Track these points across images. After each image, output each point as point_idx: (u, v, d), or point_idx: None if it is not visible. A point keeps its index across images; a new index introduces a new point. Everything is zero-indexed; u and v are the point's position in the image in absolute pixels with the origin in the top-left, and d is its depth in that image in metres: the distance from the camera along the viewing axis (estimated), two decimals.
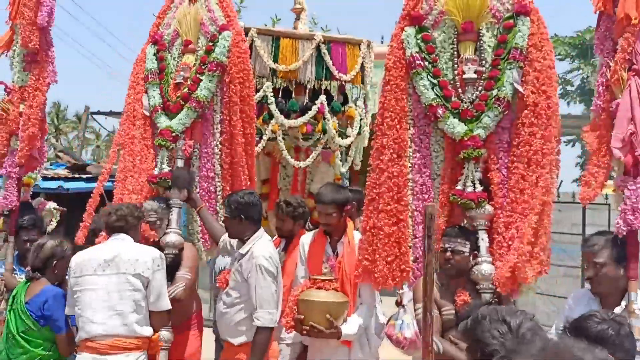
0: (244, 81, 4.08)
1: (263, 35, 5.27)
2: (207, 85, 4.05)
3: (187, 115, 4.06)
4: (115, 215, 3.45)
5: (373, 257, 3.49)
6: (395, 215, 3.48)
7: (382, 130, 3.58)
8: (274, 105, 5.13)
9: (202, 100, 4.02)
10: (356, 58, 5.44)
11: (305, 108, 5.27)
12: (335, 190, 3.82)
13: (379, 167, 3.56)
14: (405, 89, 3.60)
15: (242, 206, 3.57)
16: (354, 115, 5.49)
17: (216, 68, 4.04)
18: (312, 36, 5.33)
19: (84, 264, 3.31)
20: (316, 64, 5.29)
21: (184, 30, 4.26)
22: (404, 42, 3.62)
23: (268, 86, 5.18)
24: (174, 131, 4.05)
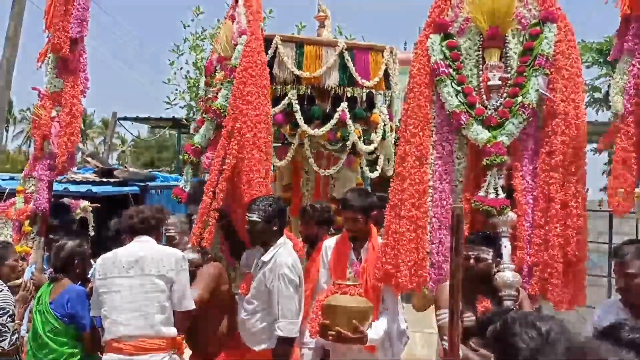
0: (247, 79, 3.87)
1: (287, 42, 5.28)
2: (223, 93, 4.01)
3: (206, 127, 4.06)
4: (137, 217, 3.48)
5: (396, 261, 3.49)
6: (415, 222, 3.49)
7: (405, 137, 3.59)
8: (299, 114, 5.14)
9: (217, 109, 3.97)
10: (379, 64, 5.43)
11: (328, 115, 5.27)
12: (361, 195, 3.81)
13: (402, 173, 3.57)
14: (429, 96, 3.60)
15: (277, 212, 3.55)
16: (378, 121, 5.48)
17: (230, 73, 4.01)
18: (335, 43, 5.34)
19: (109, 266, 3.33)
20: (339, 70, 5.28)
21: (223, 48, 4.29)
22: (429, 50, 3.62)
23: (293, 94, 5.19)
24: (195, 145, 4.04)
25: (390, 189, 3.61)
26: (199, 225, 3.79)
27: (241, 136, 3.85)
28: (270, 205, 3.53)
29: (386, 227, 3.57)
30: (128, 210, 3.57)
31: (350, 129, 5.24)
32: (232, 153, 3.84)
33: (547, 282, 3.34)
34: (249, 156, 3.83)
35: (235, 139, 3.86)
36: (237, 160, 3.87)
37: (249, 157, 3.83)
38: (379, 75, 5.38)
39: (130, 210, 3.57)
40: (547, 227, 3.36)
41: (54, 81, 4.43)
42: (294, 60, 5.22)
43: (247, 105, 3.86)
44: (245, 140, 3.84)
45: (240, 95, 3.89)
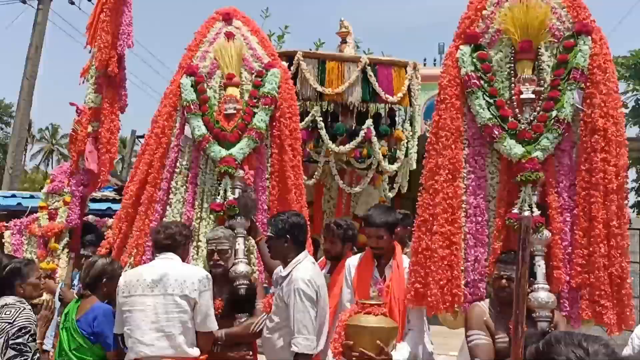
0: (292, 116, 4.21)
1: (309, 58, 5.28)
2: (263, 117, 4.13)
3: (247, 144, 4.10)
4: (163, 233, 3.42)
5: (426, 280, 3.39)
6: (449, 238, 3.39)
7: (436, 149, 3.50)
8: (324, 130, 5.12)
9: (261, 132, 4.10)
10: (402, 80, 5.39)
11: (353, 132, 5.21)
12: (385, 212, 3.73)
13: (433, 187, 3.47)
14: (460, 108, 3.52)
15: (289, 226, 3.49)
16: (401, 137, 5.42)
17: (271, 102, 4.14)
18: (357, 59, 5.31)
19: (133, 284, 3.30)
20: (362, 86, 5.24)
21: (226, 64, 4.32)
22: (459, 61, 3.55)
23: (317, 110, 5.16)
24: (236, 159, 4.05)
25: (419, 204, 3.53)
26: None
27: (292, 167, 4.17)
28: (283, 220, 3.49)
29: (415, 243, 3.48)
30: (156, 226, 3.52)
31: (376, 146, 5.18)
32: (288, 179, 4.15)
33: (598, 304, 3.21)
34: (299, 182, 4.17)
35: (286, 171, 4.14)
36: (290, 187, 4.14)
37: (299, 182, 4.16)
38: (402, 91, 5.35)
39: (157, 226, 3.50)
40: (591, 247, 3.23)
41: (93, 97, 4.40)
42: (316, 77, 5.20)
43: (296, 140, 4.24)
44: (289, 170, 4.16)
45: (288, 128, 4.17)
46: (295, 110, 4.23)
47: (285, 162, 4.09)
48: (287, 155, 4.08)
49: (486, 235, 3.41)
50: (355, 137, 5.16)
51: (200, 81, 4.32)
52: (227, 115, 4.17)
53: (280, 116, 4.15)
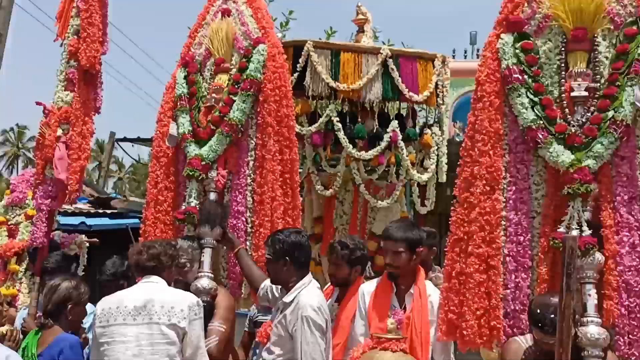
0: (281, 99, 4.15)
1: (321, 49, 5.26)
2: (240, 106, 4.12)
3: (218, 141, 4.12)
4: (146, 253, 3.42)
5: (460, 309, 3.37)
6: (486, 261, 3.37)
7: (472, 156, 3.49)
8: (342, 133, 5.11)
9: (235, 124, 4.08)
10: (430, 75, 5.37)
11: (375, 135, 5.19)
12: (407, 227, 3.74)
13: (469, 200, 3.46)
14: (500, 107, 3.51)
15: (288, 247, 3.51)
16: (430, 142, 5.39)
17: (250, 86, 4.11)
18: (377, 50, 5.29)
19: (112, 312, 3.30)
20: (383, 82, 5.22)
21: (216, 48, 4.35)
22: (500, 52, 3.54)
23: (332, 109, 5.14)
24: (204, 159, 4.07)
25: (453, 220, 3.52)
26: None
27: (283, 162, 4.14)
28: (280, 240, 3.52)
29: (448, 267, 3.47)
30: (137, 245, 3.53)
31: (404, 152, 5.15)
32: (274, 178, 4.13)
33: None
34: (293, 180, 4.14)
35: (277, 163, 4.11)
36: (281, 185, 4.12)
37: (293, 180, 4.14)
38: (429, 88, 5.31)
39: (139, 245, 3.52)
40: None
41: (63, 95, 4.40)
42: (329, 71, 5.18)
43: (288, 128, 4.17)
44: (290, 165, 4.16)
45: (275, 115, 4.12)
46: (285, 92, 4.18)
47: (267, 156, 4.07)
48: (272, 147, 4.07)
49: (529, 258, 3.40)
50: (378, 141, 5.14)
51: (191, 71, 4.37)
52: (208, 108, 4.23)
53: (264, 100, 4.11)
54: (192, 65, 4.39)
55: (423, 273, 3.78)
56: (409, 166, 5.24)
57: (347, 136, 5.16)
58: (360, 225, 5.57)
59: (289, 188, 4.15)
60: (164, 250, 3.46)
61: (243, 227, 4.11)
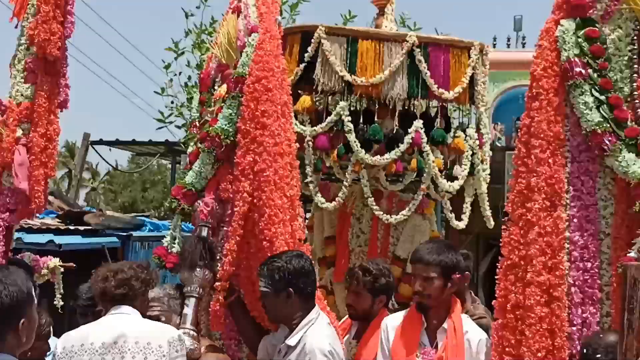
0: (260, 94, 3.87)
1: (334, 35, 5.26)
2: (226, 113, 3.97)
3: (202, 161, 4.00)
4: (114, 279, 3.41)
5: (517, 350, 3.36)
6: (548, 291, 3.37)
7: (528, 165, 3.50)
8: (353, 135, 5.07)
9: (217, 135, 3.91)
10: (464, 68, 5.37)
11: (395, 137, 5.19)
12: (440, 248, 3.74)
13: (525, 218, 3.47)
14: (560, 107, 3.53)
15: (290, 275, 3.44)
16: (462, 147, 5.38)
17: (235, 86, 3.98)
18: (402, 37, 5.30)
19: (75, 351, 3.30)
20: (408, 75, 5.22)
21: (221, 54, 4.33)
22: (559, 41, 3.55)
23: (343, 107, 5.13)
24: (187, 187, 4.00)
25: (505, 241, 3.52)
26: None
27: (255, 174, 3.77)
28: (280, 267, 3.45)
29: (501, 298, 3.47)
30: (101, 269, 3.52)
31: (430, 157, 5.14)
32: (242, 199, 3.76)
33: None
34: (268, 203, 3.72)
35: (246, 178, 3.78)
36: (250, 209, 3.77)
37: (268, 203, 3.72)
38: (463, 83, 5.31)
39: (103, 270, 3.50)
40: None
41: (22, 88, 4.38)
42: (344, 61, 5.18)
43: (263, 130, 3.81)
44: (262, 180, 3.75)
45: (251, 116, 3.83)
46: (266, 85, 3.87)
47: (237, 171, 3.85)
48: (244, 159, 3.81)
49: (598, 289, 3.41)
50: (397, 143, 5.13)
51: (203, 91, 4.38)
52: (204, 126, 4.16)
53: (245, 101, 3.88)
54: (204, 83, 4.38)
55: (459, 304, 3.79)
56: (436, 173, 5.22)
57: (360, 139, 5.15)
58: (382, 246, 5.55)
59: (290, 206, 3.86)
60: (135, 274, 3.45)
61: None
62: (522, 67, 10.31)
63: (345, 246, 5.60)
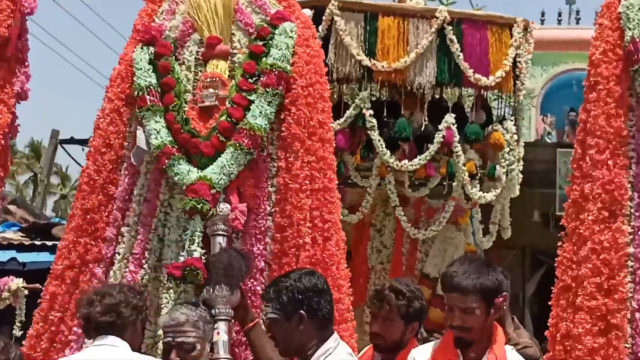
0: (315, 102, 4.07)
1: (349, 11, 5.29)
2: (263, 109, 4.01)
3: (233, 159, 3.98)
4: (100, 304, 3.39)
5: None
6: (604, 318, 3.36)
7: (583, 169, 3.51)
8: (376, 132, 5.07)
9: (260, 135, 3.99)
10: (505, 49, 5.39)
11: (424, 135, 5.19)
12: (478, 269, 3.64)
13: (578, 232, 3.47)
14: (623, 98, 3.52)
15: (301, 294, 3.41)
16: (502, 143, 5.38)
17: (277, 82, 4.03)
18: (431, 13, 5.32)
19: None
20: (438, 58, 5.23)
21: (204, 21, 4.26)
22: (622, 19, 3.55)
23: (364, 99, 5.13)
24: (213, 186, 4.02)
25: (559, 260, 3.53)
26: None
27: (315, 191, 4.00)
28: (288, 287, 3.43)
29: (552, 327, 3.48)
30: (86, 291, 3.53)
31: (460, 160, 5.15)
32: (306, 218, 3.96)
33: None
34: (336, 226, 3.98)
35: (304, 192, 3.95)
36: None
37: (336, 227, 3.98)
38: (504, 67, 5.31)
39: (89, 292, 3.50)
40: None
41: None
42: (361, 43, 5.20)
43: (322, 143, 4.07)
44: (328, 200, 4.00)
45: (306, 124, 4.00)
46: (322, 90, 4.10)
47: (293, 186, 3.96)
48: (301, 173, 3.99)
49: None
50: (427, 142, 5.13)
51: (162, 53, 4.29)
52: (204, 110, 4.14)
53: (291, 103, 4.02)
54: (162, 43, 4.28)
55: (501, 333, 3.75)
56: (465, 180, 5.22)
57: (385, 136, 5.15)
58: (407, 263, 5.59)
59: (322, 232, 4.02)
60: (125, 299, 3.43)
61: (260, 290, 3.95)
62: (575, 47, 10.28)
63: (363, 263, 5.63)
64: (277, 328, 3.44)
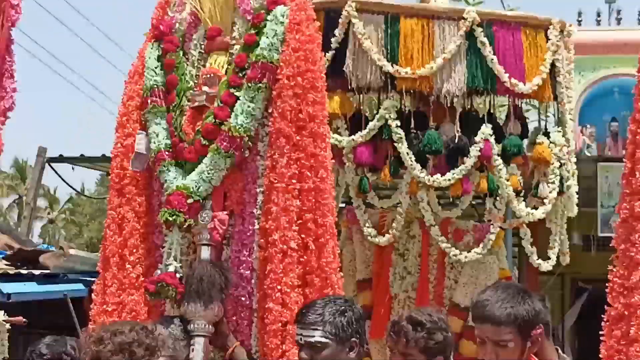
0: (305, 92, 4.07)
1: (368, 13, 5.32)
2: (246, 107, 4.07)
3: (213, 165, 4.09)
4: (112, 343, 3.38)
5: None
6: None
7: (632, 185, 3.48)
8: (404, 146, 5.08)
9: (238, 136, 4.05)
10: (541, 52, 5.39)
11: (457, 147, 5.19)
12: (513, 297, 3.64)
13: (629, 254, 3.44)
14: None
15: (356, 322, 3.52)
16: (547, 157, 5.39)
17: (261, 74, 4.07)
18: (458, 14, 5.33)
19: None
20: (468, 63, 5.24)
21: (207, 12, 4.33)
22: None
23: (389, 108, 5.14)
24: (191, 195, 4.08)
25: (610, 287, 3.50)
26: None
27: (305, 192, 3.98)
28: (344, 312, 3.51)
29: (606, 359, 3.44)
30: (93, 328, 3.61)
31: (502, 173, 5.14)
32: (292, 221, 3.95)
33: None
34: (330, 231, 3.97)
35: (291, 194, 3.96)
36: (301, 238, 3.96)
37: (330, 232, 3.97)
38: (541, 73, 5.32)
39: (96, 329, 3.52)
40: None
41: None
42: (382, 48, 5.22)
43: (314, 139, 4.05)
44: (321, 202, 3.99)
45: (294, 118, 4.01)
46: (314, 78, 4.08)
47: (278, 185, 3.99)
48: (289, 170, 3.99)
49: None
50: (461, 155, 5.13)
51: (169, 49, 4.36)
52: (197, 111, 4.21)
53: (278, 96, 4.06)
54: (170, 39, 4.37)
55: None
56: (510, 194, 5.21)
57: (413, 149, 5.15)
58: (435, 291, 5.59)
59: (315, 237, 4.03)
60: (138, 338, 3.41)
61: (248, 304, 4.07)
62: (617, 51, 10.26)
63: (385, 292, 5.64)
64: (325, 353, 3.48)
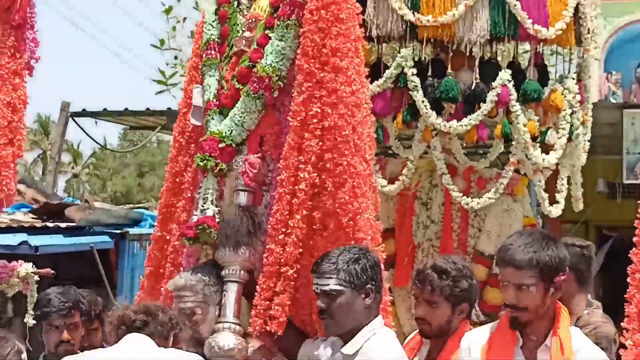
0: (329, 26, 3.94)
1: None
2: (276, 46, 4.06)
3: (245, 108, 4.09)
4: (137, 307, 3.58)
5: None
6: None
7: None
8: (420, 93, 5.09)
9: (266, 76, 4.03)
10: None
11: (475, 94, 5.19)
12: (537, 242, 3.67)
13: None
14: None
15: (371, 269, 3.60)
16: (559, 104, 5.38)
17: (290, 10, 4.04)
18: None
19: None
20: (490, 11, 5.23)
21: None
22: None
23: (405, 57, 5.14)
24: (223, 140, 4.10)
25: (637, 241, 3.49)
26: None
27: (325, 130, 3.89)
28: (358, 260, 3.58)
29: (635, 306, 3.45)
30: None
31: (521, 119, 5.14)
32: (309, 161, 3.87)
33: None
34: (348, 169, 3.86)
35: (311, 133, 3.89)
36: (319, 176, 3.90)
37: (348, 170, 3.86)
38: (565, 17, 5.29)
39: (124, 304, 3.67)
40: None
41: None
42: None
43: (336, 73, 3.92)
44: (338, 139, 3.87)
45: (317, 53, 3.93)
46: (338, 10, 3.93)
47: (296, 122, 3.92)
48: (306, 108, 3.90)
49: None
50: (479, 103, 5.13)
51: (222, 2, 4.40)
52: (238, 56, 4.22)
53: (303, 32, 3.97)
54: None
55: (566, 314, 3.75)
56: (527, 141, 5.21)
57: (429, 98, 5.14)
58: (459, 240, 5.61)
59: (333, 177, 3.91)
60: (164, 309, 3.60)
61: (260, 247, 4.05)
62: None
63: (408, 241, 5.66)
64: (340, 301, 3.58)
